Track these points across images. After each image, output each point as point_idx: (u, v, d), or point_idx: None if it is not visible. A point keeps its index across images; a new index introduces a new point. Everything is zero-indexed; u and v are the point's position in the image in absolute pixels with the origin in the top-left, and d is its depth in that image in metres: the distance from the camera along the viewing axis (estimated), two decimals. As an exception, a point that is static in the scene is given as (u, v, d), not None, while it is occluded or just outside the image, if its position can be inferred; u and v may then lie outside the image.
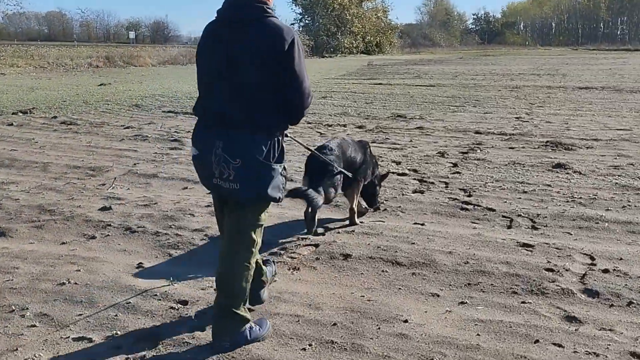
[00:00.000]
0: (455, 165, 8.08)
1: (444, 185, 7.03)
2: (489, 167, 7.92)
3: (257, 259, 3.48)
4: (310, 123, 12.08)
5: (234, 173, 3.08)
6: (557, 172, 7.60)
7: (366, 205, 5.93)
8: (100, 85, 22.88)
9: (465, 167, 7.96)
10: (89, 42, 66.20)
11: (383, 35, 72.65)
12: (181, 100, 16.65)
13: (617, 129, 11.19)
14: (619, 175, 7.37)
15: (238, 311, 3.27)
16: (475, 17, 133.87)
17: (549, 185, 6.90)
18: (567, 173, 7.54)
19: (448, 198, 6.47)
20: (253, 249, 3.29)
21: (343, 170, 5.06)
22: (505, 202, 6.29)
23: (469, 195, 6.56)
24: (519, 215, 5.83)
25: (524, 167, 7.92)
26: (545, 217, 5.77)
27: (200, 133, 3.24)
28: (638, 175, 7.39)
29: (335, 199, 5.37)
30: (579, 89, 19.96)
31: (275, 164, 3.17)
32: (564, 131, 11.00)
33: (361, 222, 5.63)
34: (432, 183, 7.12)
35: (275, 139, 3.18)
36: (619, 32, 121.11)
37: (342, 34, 64.82)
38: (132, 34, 75.50)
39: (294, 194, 4.55)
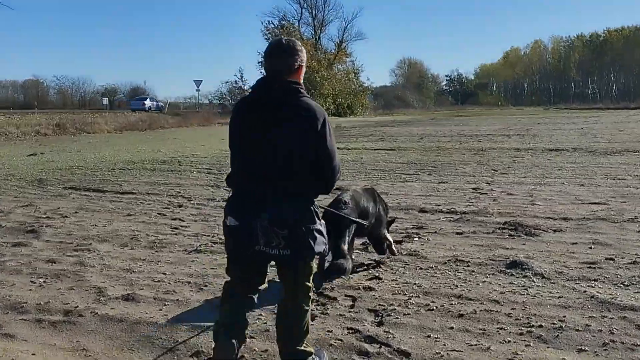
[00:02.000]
0: (377, 265, 6.01)
1: (350, 303, 4.92)
2: (420, 268, 5.85)
3: None
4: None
5: (283, 242, 3.27)
6: (512, 275, 5.55)
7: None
8: (30, 155, 20.79)
9: (390, 268, 5.89)
10: (63, 109, 65.89)
11: (354, 97, 71.61)
12: (100, 172, 14.58)
13: (591, 203, 9.27)
14: (595, 281, 5.33)
15: (302, 347, 3.53)
16: (448, 78, 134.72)
17: (497, 303, 4.82)
18: (525, 277, 5.49)
19: (347, 329, 4.36)
20: (310, 295, 3.59)
21: (360, 220, 5.34)
22: (429, 336, 4.19)
23: (379, 324, 4.46)
24: (444, 367, 3.72)
25: (468, 267, 5.86)
26: (485, 370, 3.67)
27: (238, 205, 3.38)
28: (622, 279, 5.36)
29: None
30: (548, 150, 18.30)
31: (315, 225, 3.37)
32: (527, 206, 9.04)
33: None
34: (334, 299, 5.02)
35: (313, 204, 3.41)
36: (589, 92, 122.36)
37: (311, 97, 63.42)
38: (105, 100, 75.68)
39: (330, 273, 5.13)
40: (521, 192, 10.55)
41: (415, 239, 7.15)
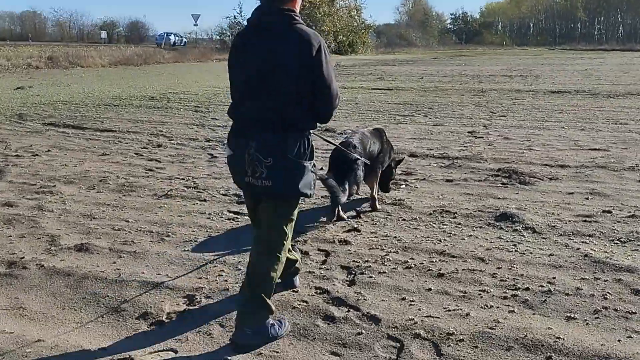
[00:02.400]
0: (357, 215, 5.60)
1: (322, 259, 4.53)
2: (403, 220, 5.44)
3: (290, 247, 3.63)
4: (210, 141, 9.58)
5: (266, 171, 3.19)
6: (501, 229, 5.15)
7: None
8: (17, 89, 20.18)
9: (370, 219, 5.48)
10: (61, 42, 64.80)
11: (356, 34, 69.98)
12: (84, 108, 14.05)
13: (591, 149, 8.81)
14: (589, 237, 4.92)
15: (266, 298, 3.28)
16: (453, 17, 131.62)
17: (482, 261, 4.42)
18: (515, 230, 5.08)
19: (315, 289, 3.97)
20: (285, 242, 3.39)
21: (366, 161, 5.29)
22: (404, 299, 3.80)
23: (351, 283, 4.07)
24: (417, 336, 3.34)
25: (454, 218, 5.45)
26: (461, 340, 3.29)
27: (234, 135, 3.35)
28: (618, 235, 4.95)
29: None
30: (550, 92, 17.69)
31: (305, 161, 3.27)
32: (523, 152, 8.58)
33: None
34: (306, 253, 4.62)
35: (305, 138, 3.28)
36: (596, 32, 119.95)
37: (311, 32, 61.80)
38: (103, 34, 74.24)
39: (323, 181, 4.72)
40: (518, 136, 10.08)
41: (402, 186, 6.73)
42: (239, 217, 5.46)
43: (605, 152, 8.53)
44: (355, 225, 5.26)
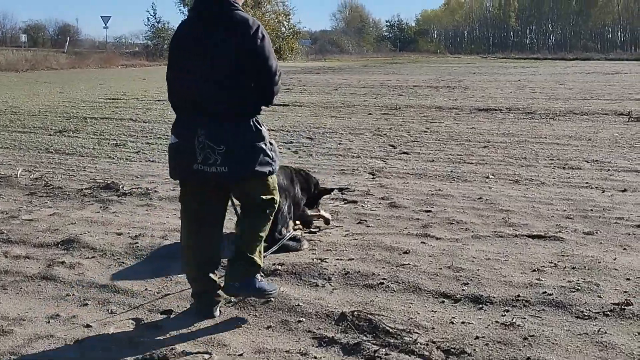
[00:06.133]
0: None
1: None
2: None
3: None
4: None
5: (220, 158, 3.21)
6: None
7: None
8: None
9: None
10: None
11: (283, 40, 66.29)
12: None
13: (531, 235, 4.95)
14: None
15: (253, 257, 3.37)
16: (389, 24, 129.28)
17: None
18: None
19: None
20: (269, 209, 3.44)
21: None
22: None
23: None
24: None
25: None
26: None
27: (180, 122, 3.38)
28: None
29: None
30: (477, 111, 14.18)
31: (259, 143, 3.29)
32: (410, 250, 4.62)
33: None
34: None
35: (253, 121, 3.30)
36: (528, 41, 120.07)
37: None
38: (23, 37, 68.38)
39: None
40: (415, 198, 6.18)
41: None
42: None
43: (558, 246, 4.67)
44: None
